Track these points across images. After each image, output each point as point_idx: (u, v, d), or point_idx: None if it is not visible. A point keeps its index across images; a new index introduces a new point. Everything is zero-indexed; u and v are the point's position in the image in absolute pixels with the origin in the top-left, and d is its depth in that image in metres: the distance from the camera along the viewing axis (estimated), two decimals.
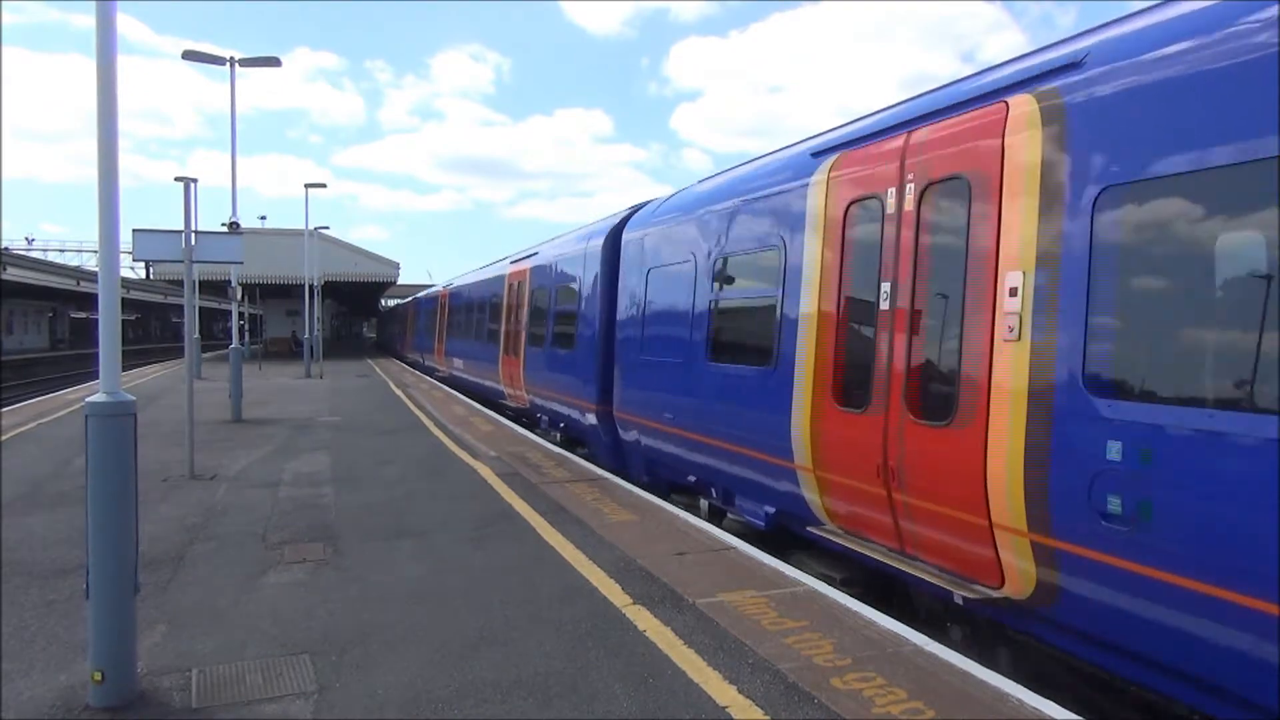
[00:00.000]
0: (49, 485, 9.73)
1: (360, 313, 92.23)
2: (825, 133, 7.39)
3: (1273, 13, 3.69)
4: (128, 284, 58.71)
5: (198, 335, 19.60)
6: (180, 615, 5.53)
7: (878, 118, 6.56)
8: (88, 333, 64.04)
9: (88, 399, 4.31)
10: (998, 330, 4.85)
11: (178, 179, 14.30)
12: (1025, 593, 4.82)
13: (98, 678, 4.18)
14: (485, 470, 10.94)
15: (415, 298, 42.76)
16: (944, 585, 5.33)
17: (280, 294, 45.02)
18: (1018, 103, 4.96)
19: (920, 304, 5.57)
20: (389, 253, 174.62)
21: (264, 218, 48.96)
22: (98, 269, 4.44)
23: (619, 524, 7.97)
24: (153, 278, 48.25)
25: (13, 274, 45.43)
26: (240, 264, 12.85)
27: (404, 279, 49.68)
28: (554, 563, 6.75)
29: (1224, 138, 3.81)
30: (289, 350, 45.95)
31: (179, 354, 49.14)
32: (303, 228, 34.13)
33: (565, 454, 12.47)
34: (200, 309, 43.92)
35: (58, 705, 4.24)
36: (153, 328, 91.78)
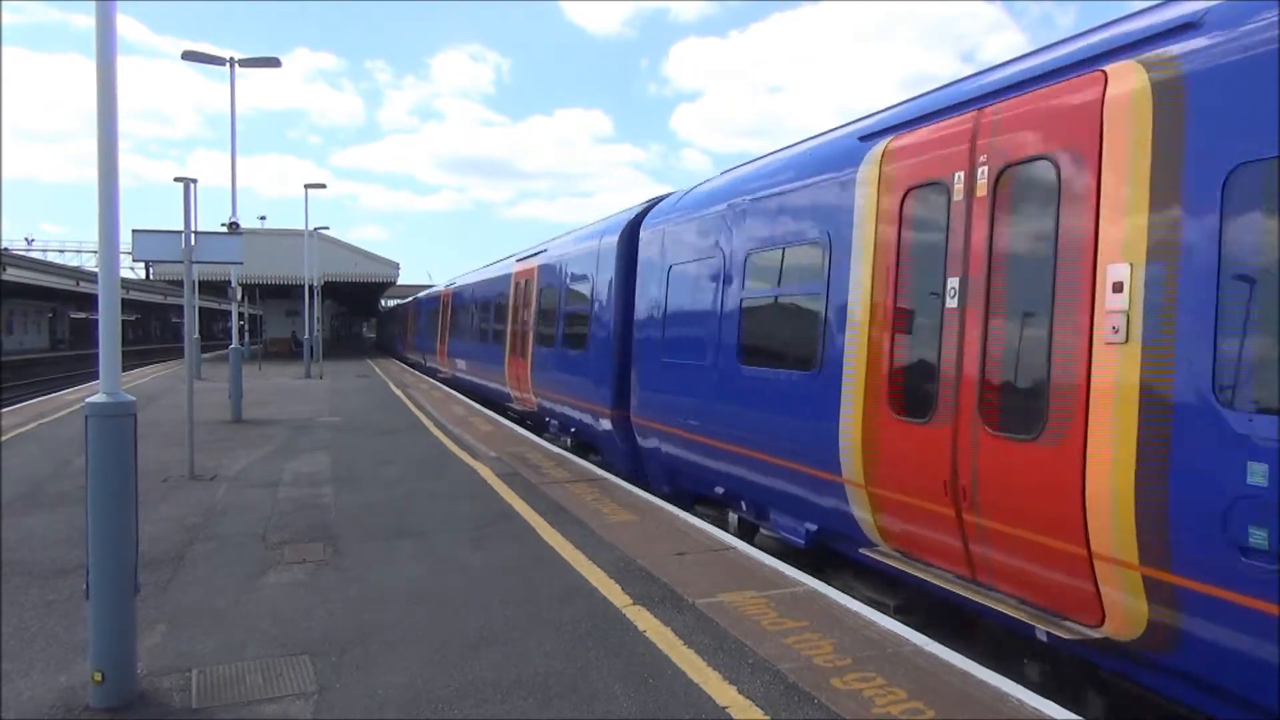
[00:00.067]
0: (49, 485, 9.73)
1: (360, 313, 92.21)
2: (874, 114, 6.77)
3: None
4: (127, 284, 58.71)
5: (197, 335, 19.59)
6: (180, 615, 5.53)
7: (939, 95, 5.98)
8: (87, 333, 64.04)
9: (88, 399, 4.31)
10: (1098, 331, 4.26)
11: (177, 179, 14.29)
12: (1132, 634, 4.22)
13: (98, 678, 4.18)
14: (485, 470, 10.94)
15: (416, 297, 42.69)
16: (1026, 620, 4.73)
17: (280, 294, 45.04)
18: (1119, 71, 4.34)
19: (997, 302, 4.96)
20: (389, 253, 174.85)
21: (264, 218, 49.00)
22: (98, 269, 4.44)
23: (619, 524, 7.97)
24: (152, 278, 48.25)
25: (12, 274, 45.42)
26: (240, 264, 12.83)
27: (404, 279, 49.74)
28: (554, 563, 6.75)
29: None
30: (289, 350, 45.97)
31: (179, 354, 49.14)
32: (302, 228, 34.13)
33: (565, 454, 12.46)
34: (200, 309, 43.93)
35: (58, 705, 4.24)
36: (153, 328, 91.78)
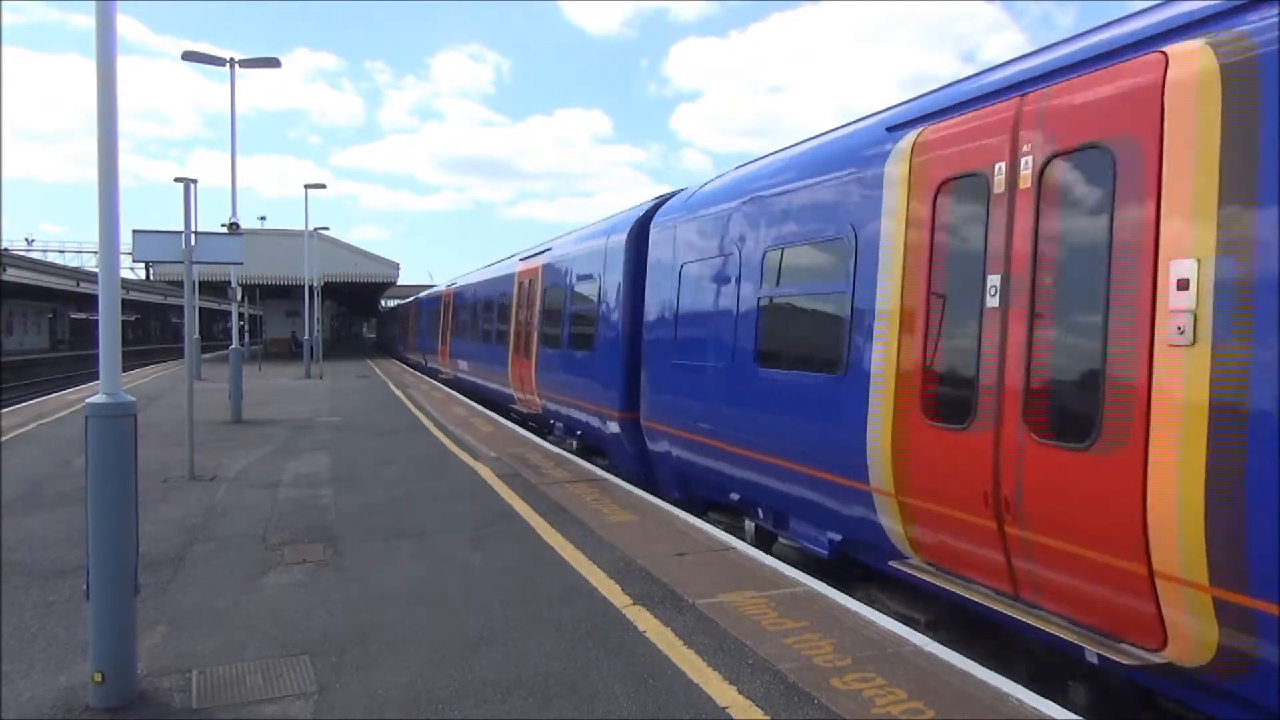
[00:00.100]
0: (49, 486, 9.73)
1: (360, 313, 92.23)
2: (903, 103, 6.45)
3: None
4: (127, 285, 58.72)
5: (197, 336, 19.59)
6: (180, 616, 5.53)
7: (975, 82, 5.67)
8: (87, 333, 64.07)
9: (88, 400, 4.31)
10: (1160, 332, 3.98)
11: (177, 179, 14.30)
12: (1198, 660, 3.96)
13: (98, 678, 4.18)
14: (485, 471, 10.94)
15: (417, 297, 42.63)
16: (1078, 641, 4.45)
17: (280, 294, 45.04)
18: (1182, 52, 4.06)
19: (1043, 300, 4.66)
20: (389, 253, 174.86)
21: (264, 218, 49.06)
22: (98, 270, 4.44)
23: (619, 524, 7.97)
24: (152, 278, 48.28)
25: (12, 275, 45.43)
26: (240, 265, 12.82)
27: (404, 279, 49.74)
28: (554, 563, 6.75)
29: None
30: (289, 351, 45.98)
31: (179, 354, 49.14)
32: (302, 228, 34.16)
33: (565, 455, 12.44)
34: (200, 309, 43.91)
35: (58, 706, 4.23)
36: (153, 328, 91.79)
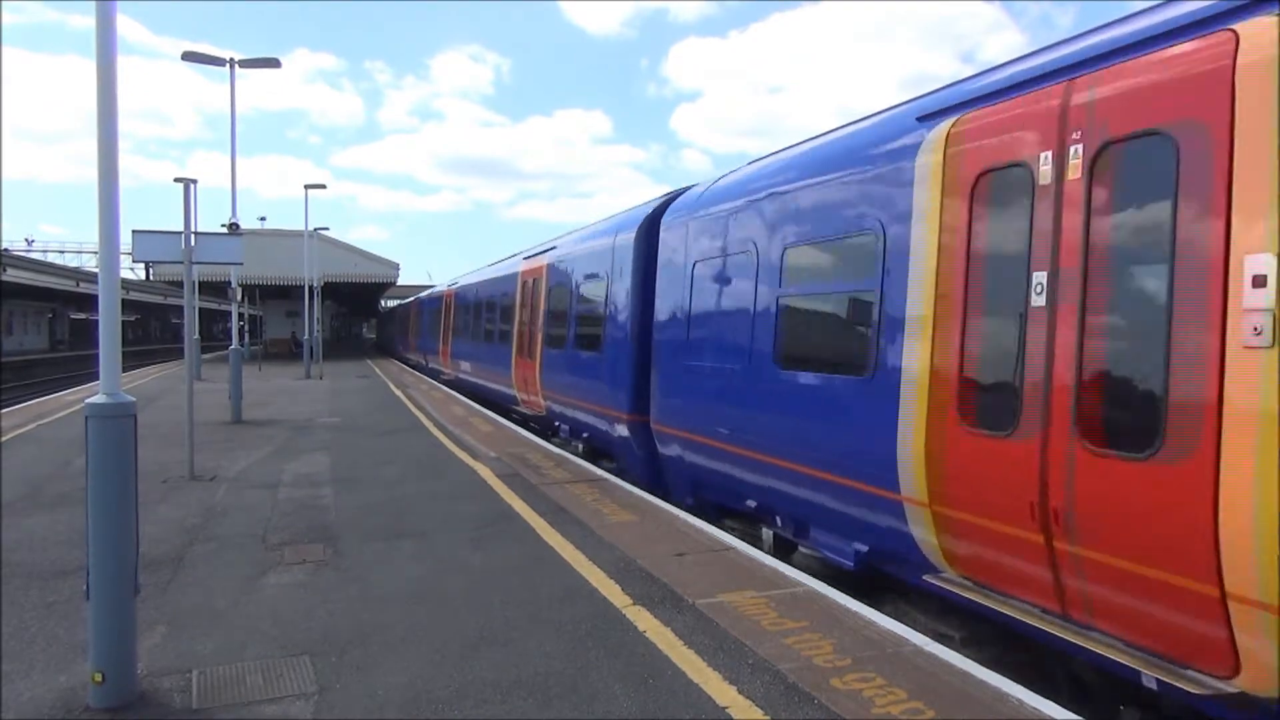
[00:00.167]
0: (49, 486, 9.73)
1: (360, 313, 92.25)
2: (933, 92, 6.18)
3: None
4: (127, 285, 58.73)
5: (197, 336, 19.59)
6: (180, 616, 5.53)
7: (1017, 68, 5.33)
8: (87, 334, 64.08)
9: (88, 400, 4.31)
10: (1233, 333, 3.72)
11: (177, 180, 14.28)
12: (1277, 689, 3.72)
13: (98, 678, 4.18)
14: (485, 471, 10.94)
15: (418, 297, 42.58)
16: (1134, 665, 4.18)
17: (280, 295, 45.04)
18: (1254, 30, 3.78)
19: (1096, 299, 4.38)
20: (388, 253, 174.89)
21: (264, 218, 49.10)
22: (97, 270, 4.44)
23: (619, 524, 7.97)
24: (152, 278, 48.28)
25: (12, 275, 45.44)
26: (240, 265, 12.82)
27: (404, 279, 49.76)
28: (554, 563, 6.75)
29: None
30: (289, 351, 45.98)
31: (179, 355, 49.14)
32: (302, 228, 34.14)
33: (565, 455, 12.44)
34: (200, 310, 43.93)
35: (58, 706, 4.24)
36: (152, 328, 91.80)
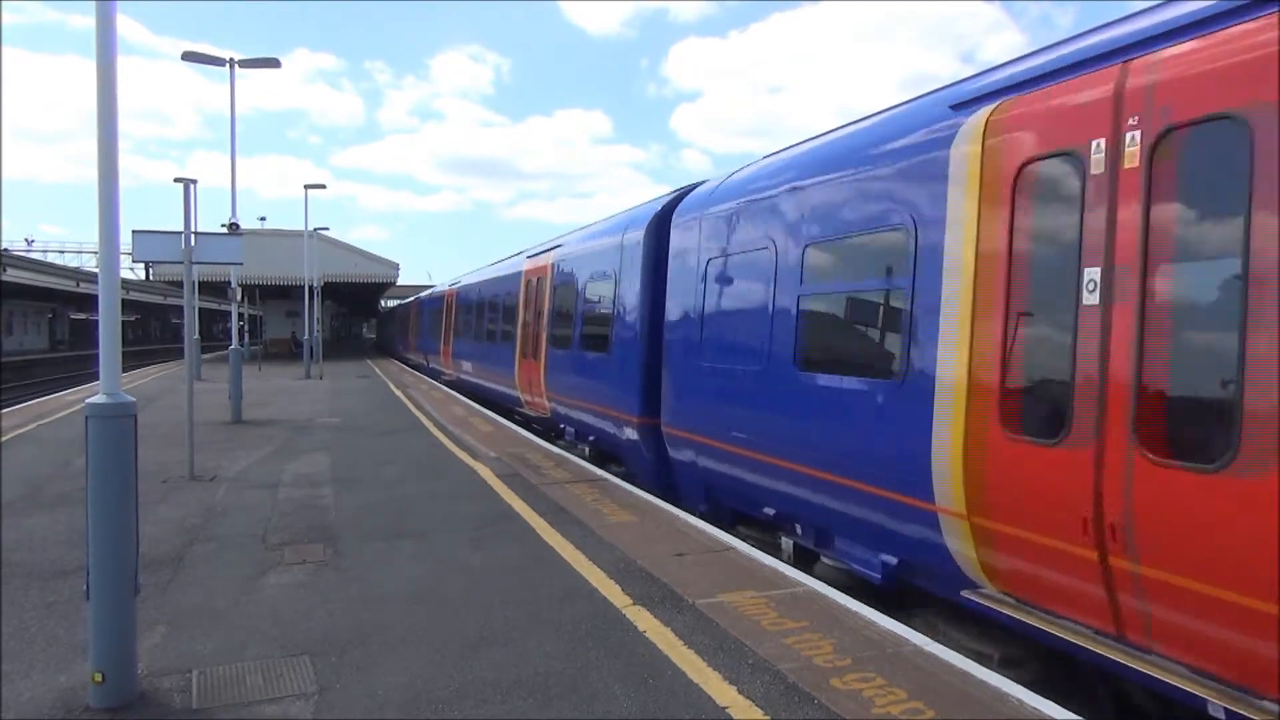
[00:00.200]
0: (49, 486, 9.72)
1: (360, 313, 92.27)
2: (968, 79, 5.87)
3: None
4: (127, 285, 58.73)
5: (197, 336, 19.59)
6: (180, 616, 5.53)
7: (1063, 51, 4.99)
8: (87, 334, 64.10)
9: (88, 400, 4.31)
10: None
11: (177, 180, 14.29)
12: None
13: (98, 678, 4.18)
14: (485, 471, 10.94)
15: (418, 297, 42.50)
16: (1200, 693, 3.90)
17: (280, 295, 45.05)
18: None
19: (1158, 295, 4.07)
20: (388, 253, 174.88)
21: (263, 218, 49.11)
22: (98, 270, 4.44)
23: (619, 525, 7.97)
24: (152, 279, 48.28)
25: (12, 275, 45.44)
26: (240, 265, 12.83)
27: (403, 279, 49.73)
28: (554, 563, 6.75)
29: None
30: (289, 351, 45.98)
31: (179, 355, 49.14)
32: (302, 228, 34.14)
33: (565, 455, 12.43)
34: (200, 310, 43.95)
35: (58, 706, 4.23)
36: (152, 328, 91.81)
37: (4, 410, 18.67)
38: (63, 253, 71.92)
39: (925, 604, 6.00)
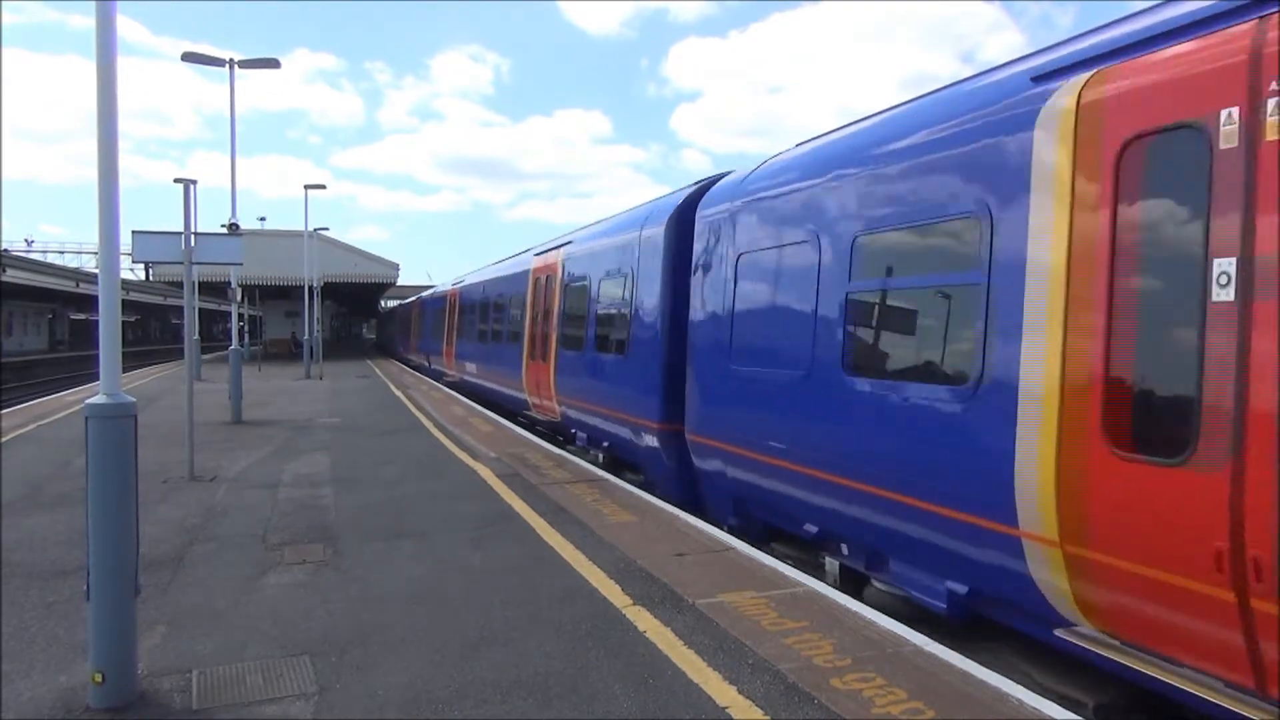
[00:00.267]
0: (49, 486, 9.73)
1: (360, 313, 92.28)
2: (1051, 47, 5.21)
3: None
4: (127, 285, 58.73)
5: (197, 337, 19.59)
6: (180, 616, 5.53)
7: (1175, 11, 4.36)
8: (87, 334, 64.12)
9: (88, 400, 4.31)
10: None
11: (177, 180, 14.29)
12: None
13: (98, 679, 4.18)
14: (485, 471, 10.94)
15: (420, 297, 42.36)
16: None
17: (280, 295, 45.06)
18: None
19: None
20: (388, 253, 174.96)
21: (263, 219, 49.16)
22: (98, 270, 4.44)
23: (619, 525, 7.97)
24: (152, 279, 48.28)
25: (12, 275, 45.46)
26: (240, 265, 12.83)
27: (403, 280, 49.74)
28: (554, 563, 6.75)
29: None
30: (289, 351, 46.00)
31: (178, 355, 49.15)
32: (302, 229, 34.15)
33: (565, 455, 12.42)
34: (200, 310, 43.93)
35: (58, 706, 4.23)
36: (152, 329, 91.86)
37: (4, 410, 18.67)
38: (63, 253, 72.05)
39: (994, 636, 5.46)
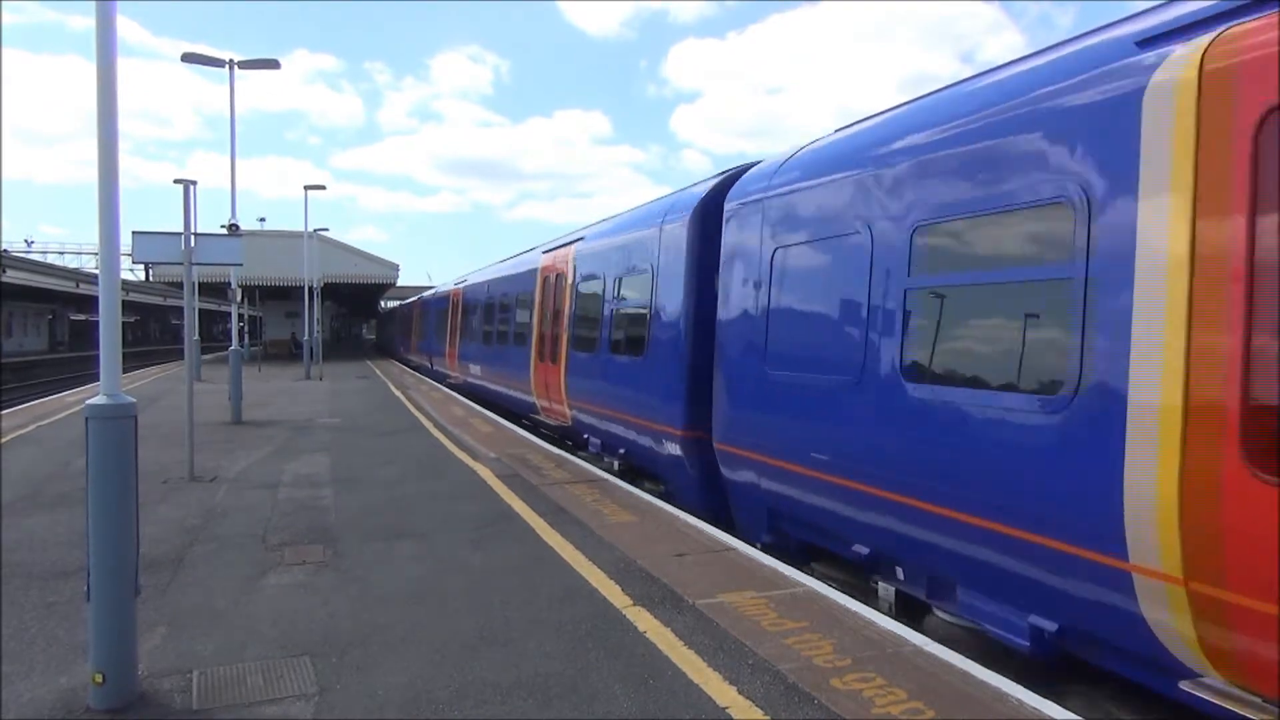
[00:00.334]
0: (49, 487, 9.72)
1: (360, 314, 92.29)
2: (1158, 7, 4.55)
3: None
4: (127, 286, 58.69)
5: (197, 337, 19.59)
6: (180, 617, 5.53)
7: None
8: (87, 335, 64.13)
9: (88, 401, 4.31)
10: None
11: (177, 181, 14.27)
12: None
13: (98, 679, 4.18)
14: (485, 471, 10.94)
15: (421, 296, 42.16)
16: None
17: (279, 296, 45.08)
18: None
19: None
20: (388, 254, 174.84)
21: (263, 219, 49.23)
22: (98, 271, 4.44)
23: (619, 525, 7.97)
24: (152, 280, 48.28)
25: (12, 276, 45.46)
26: (240, 266, 12.84)
27: (403, 280, 49.72)
28: (554, 564, 6.75)
29: None
30: (288, 352, 46.02)
31: (178, 356, 49.16)
32: (302, 229, 34.15)
33: (565, 455, 12.42)
34: (200, 311, 43.92)
35: (58, 707, 4.23)
36: (152, 330, 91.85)
37: (4, 411, 18.67)
38: (62, 254, 72.13)
39: (1080, 676, 4.95)
